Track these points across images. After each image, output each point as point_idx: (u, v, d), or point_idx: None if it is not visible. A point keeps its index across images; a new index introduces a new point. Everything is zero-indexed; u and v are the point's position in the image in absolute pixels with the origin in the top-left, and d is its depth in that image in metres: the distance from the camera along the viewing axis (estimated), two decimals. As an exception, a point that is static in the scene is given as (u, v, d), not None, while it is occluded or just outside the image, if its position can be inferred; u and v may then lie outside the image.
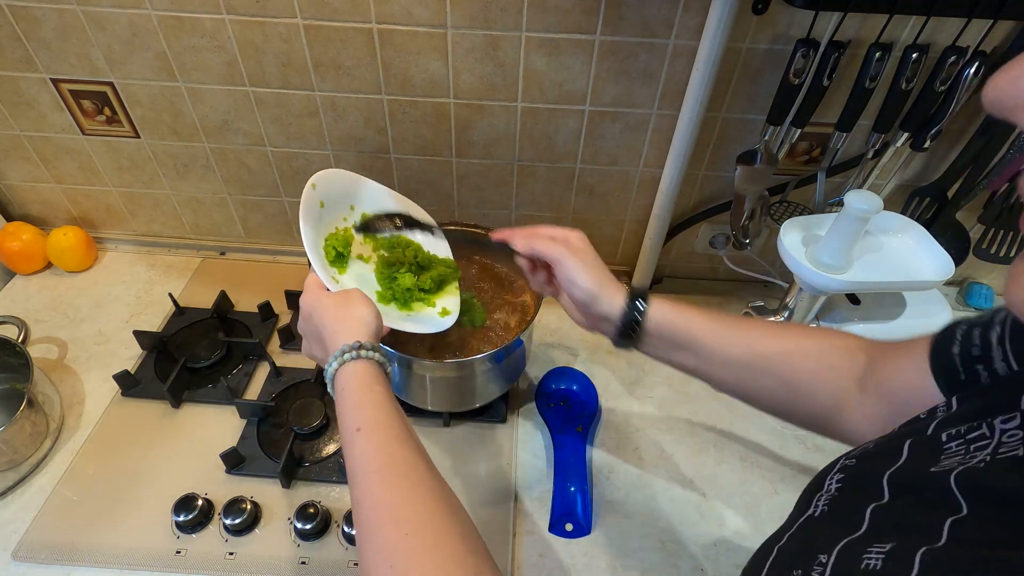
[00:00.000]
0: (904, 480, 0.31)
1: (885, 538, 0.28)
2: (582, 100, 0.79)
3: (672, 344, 0.56)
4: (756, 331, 0.55)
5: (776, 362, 0.53)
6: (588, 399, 0.83)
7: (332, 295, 0.56)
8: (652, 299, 0.56)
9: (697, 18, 0.70)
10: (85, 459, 0.74)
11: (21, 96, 0.84)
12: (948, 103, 0.70)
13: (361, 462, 0.44)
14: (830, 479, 0.36)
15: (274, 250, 1.03)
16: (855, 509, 0.32)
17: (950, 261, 0.69)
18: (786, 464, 0.78)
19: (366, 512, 0.42)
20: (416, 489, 0.43)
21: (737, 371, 0.54)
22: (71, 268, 0.98)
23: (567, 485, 0.73)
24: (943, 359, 0.41)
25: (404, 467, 0.44)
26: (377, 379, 0.49)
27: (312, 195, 0.63)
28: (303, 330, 0.57)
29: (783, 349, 0.53)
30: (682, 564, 0.68)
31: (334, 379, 0.50)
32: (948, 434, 0.32)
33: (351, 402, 0.47)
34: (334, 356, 0.50)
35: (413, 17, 0.72)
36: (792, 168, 0.86)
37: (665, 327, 0.55)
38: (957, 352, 0.39)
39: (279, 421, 0.79)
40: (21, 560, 0.65)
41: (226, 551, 0.67)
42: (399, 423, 0.47)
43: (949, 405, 0.35)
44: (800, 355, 0.52)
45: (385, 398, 0.48)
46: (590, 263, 0.57)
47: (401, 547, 0.39)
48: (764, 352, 0.53)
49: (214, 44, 0.76)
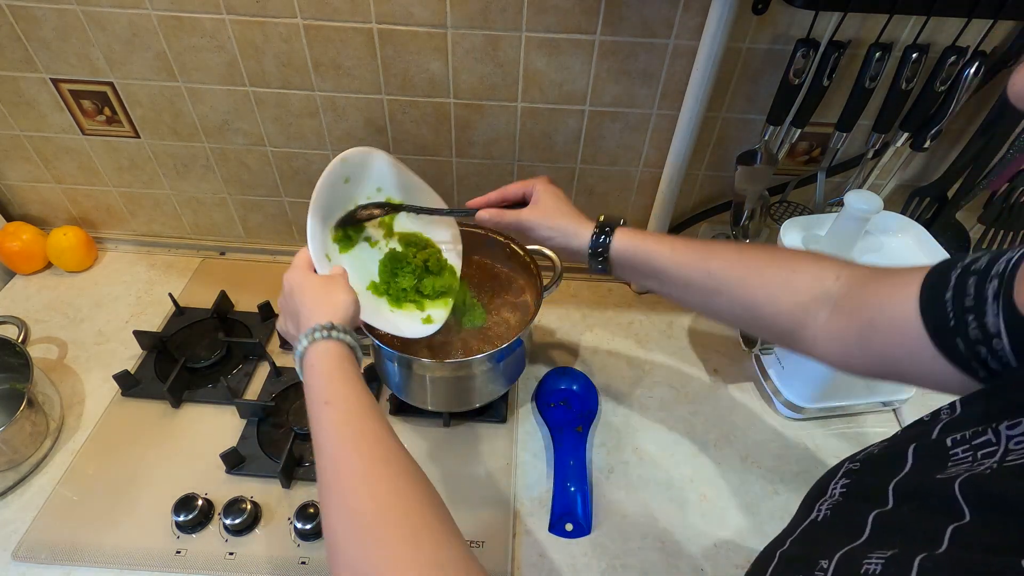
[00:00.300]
0: (910, 488, 0.31)
1: (886, 545, 0.28)
2: (582, 100, 0.79)
3: (637, 272, 0.61)
4: (717, 259, 0.56)
5: (735, 287, 0.54)
6: (588, 399, 0.83)
7: (317, 277, 0.56)
8: (617, 232, 0.60)
9: (697, 18, 0.70)
10: (85, 459, 0.74)
11: (21, 96, 0.84)
12: (948, 103, 0.70)
13: (330, 433, 0.44)
14: (834, 484, 0.36)
15: (274, 250, 1.03)
16: (858, 516, 0.31)
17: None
18: (786, 464, 0.78)
19: (333, 477, 0.42)
20: (386, 459, 0.43)
21: (698, 294, 0.57)
22: (71, 268, 0.98)
23: (567, 485, 0.73)
24: (934, 302, 0.39)
25: (373, 438, 0.44)
26: (347, 359, 0.49)
27: (339, 169, 0.63)
28: (282, 306, 0.58)
29: (742, 276, 0.54)
30: (682, 564, 0.68)
31: (303, 356, 0.50)
32: (953, 439, 0.31)
33: (320, 378, 0.48)
34: (305, 334, 0.50)
35: (413, 17, 0.72)
36: (792, 168, 0.86)
37: (628, 257, 0.60)
38: (950, 298, 0.38)
39: (279, 421, 0.79)
40: (21, 560, 0.65)
41: (226, 551, 0.67)
42: (368, 400, 0.47)
43: (953, 408, 0.34)
44: (759, 282, 0.53)
45: (355, 376, 0.48)
46: (552, 210, 0.63)
47: (369, 510, 0.39)
48: (722, 278, 0.55)
49: (214, 44, 0.76)
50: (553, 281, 0.76)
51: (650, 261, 0.59)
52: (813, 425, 0.82)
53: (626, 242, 0.60)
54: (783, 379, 0.83)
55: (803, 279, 0.51)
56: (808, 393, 0.80)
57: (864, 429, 0.82)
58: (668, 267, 0.58)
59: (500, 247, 0.80)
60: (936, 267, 0.41)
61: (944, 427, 0.33)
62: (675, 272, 0.57)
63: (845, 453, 0.80)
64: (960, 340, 0.37)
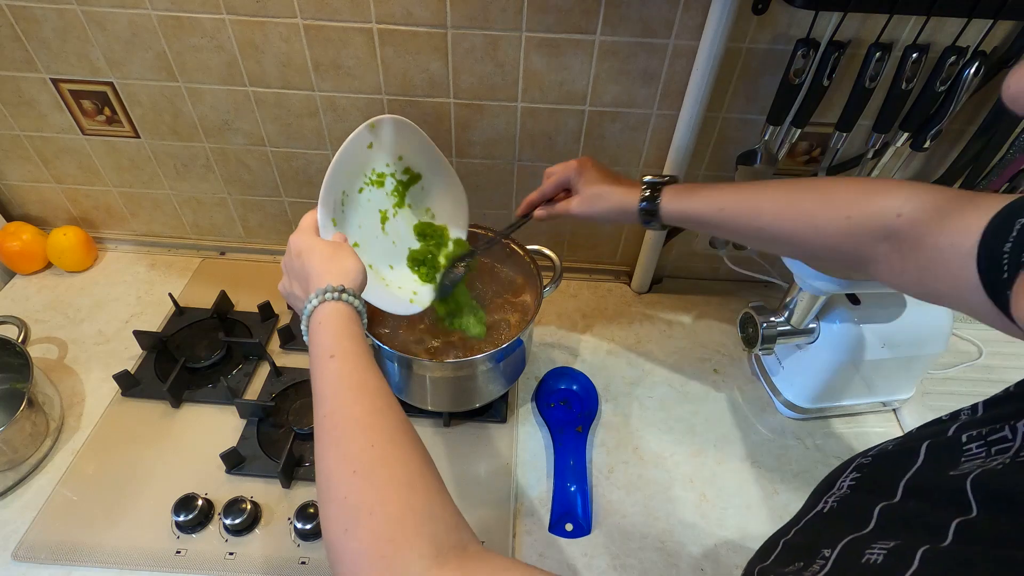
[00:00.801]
0: (920, 482, 0.31)
1: (890, 536, 0.28)
2: (582, 100, 0.79)
3: (693, 226, 0.63)
4: (765, 214, 0.55)
5: (788, 239, 0.54)
6: (588, 399, 0.83)
7: (325, 242, 0.56)
8: (664, 194, 0.62)
9: (697, 18, 0.70)
10: (85, 459, 0.74)
11: (21, 96, 0.84)
12: (948, 103, 0.70)
13: (332, 383, 0.45)
14: (843, 479, 0.36)
15: (274, 250, 1.03)
16: (864, 508, 0.31)
17: (950, 261, 0.69)
18: (786, 464, 0.78)
19: (332, 423, 0.42)
20: (384, 411, 0.44)
21: (754, 243, 0.60)
22: (71, 268, 0.98)
23: (567, 485, 0.73)
24: (992, 251, 0.37)
25: (374, 390, 0.45)
26: (354, 320, 0.50)
27: (365, 135, 0.63)
28: (288, 267, 0.57)
29: (793, 229, 0.53)
30: (682, 564, 0.68)
31: (311, 315, 0.50)
32: (969, 435, 0.31)
33: (328, 333, 0.48)
34: (316, 293, 0.50)
35: (413, 17, 0.72)
36: (792, 168, 0.86)
37: (680, 220, 0.62)
38: (1008, 250, 0.36)
39: (279, 421, 0.79)
40: (21, 560, 0.65)
41: (226, 551, 0.67)
42: (371, 358, 0.48)
43: (974, 410, 0.34)
44: (812, 232, 0.52)
45: (359, 335, 0.49)
46: (594, 195, 0.65)
47: (366, 456, 0.40)
48: (774, 232, 0.55)
49: (214, 44, 0.76)
50: (553, 281, 0.76)
51: (701, 222, 0.61)
52: (813, 425, 0.82)
53: (674, 207, 0.61)
54: (783, 379, 0.83)
55: (859, 222, 0.48)
56: (808, 393, 0.80)
57: (864, 429, 0.82)
58: (721, 226, 0.59)
59: (500, 247, 0.81)
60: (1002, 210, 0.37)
61: (961, 426, 0.33)
62: (728, 229, 0.59)
63: (845, 453, 0.81)
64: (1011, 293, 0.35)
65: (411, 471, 0.39)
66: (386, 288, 0.68)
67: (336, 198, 0.62)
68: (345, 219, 0.64)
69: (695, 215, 0.60)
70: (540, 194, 0.69)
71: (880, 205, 0.47)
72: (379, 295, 0.66)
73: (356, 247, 0.66)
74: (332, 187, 0.60)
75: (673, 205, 0.61)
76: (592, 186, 0.65)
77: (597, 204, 0.65)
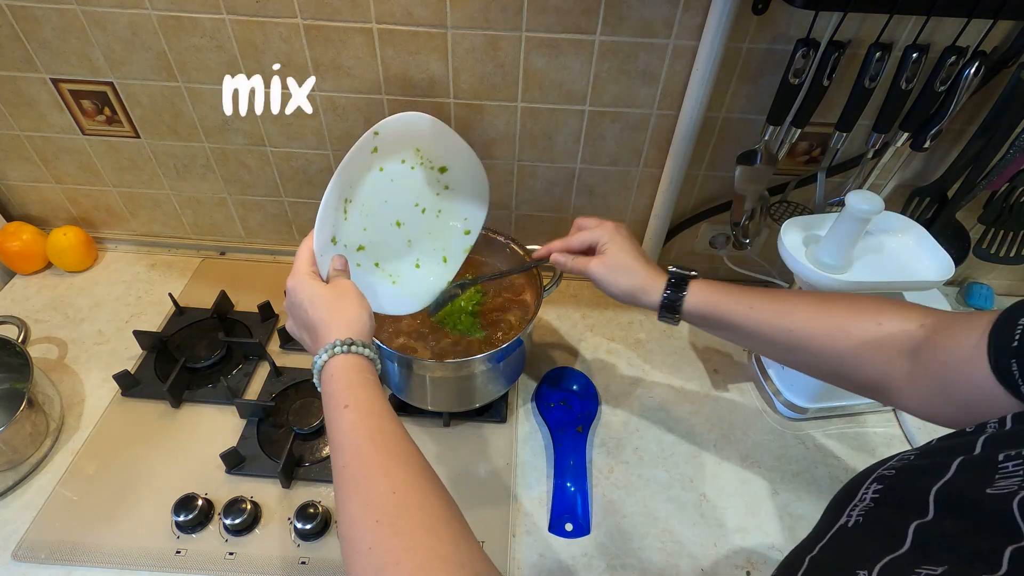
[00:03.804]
0: (954, 499, 0.30)
1: (934, 559, 0.27)
2: (582, 100, 0.79)
3: (713, 326, 0.61)
4: (798, 315, 0.54)
5: (817, 344, 0.53)
6: (588, 399, 0.83)
7: (326, 290, 0.55)
8: (691, 287, 0.60)
9: (697, 18, 0.70)
10: (85, 459, 0.74)
11: (21, 96, 0.84)
12: (948, 103, 0.70)
13: (348, 433, 0.45)
14: (865, 489, 0.35)
15: (274, 250, 1.03)
16: (896, 525, 0.30)
17: (950, 261, 0.69)
18: (786, 464, 0.78)
19: (353, 472, 0.42)
20: (404, 457, 0.43)
21: (779, 350, 0.57)
22: (71, 268, 0.98)
23: (567, 485, 0.73)
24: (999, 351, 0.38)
25: (393, 437, 0.45)
26: (367, 368, 0.50)
27: (369, 141, 0.61)
28: (290, 312, 0.57)
29: (825, 332, 0.53)
30: (682, 564, 0.68)
31: (322, 369, 0.50)
32: (1006, 454, 0.30)
33: (340, 384, 0.48)
34: (325, 348, 0.50)
35: (413, 17, 0.72)
36: (792, 168, 0.86)
37: (703, 315, 0.59)
38: (1015, 347, 0.37)
39: (279, 421, 0.79)
40: (21, 560, 0.65)
41: (226, 551, 0.67)
42: (386, 405, 0.47)
43: (1002, 423, 0.33)
44: (843, 336, 0.52)
45: (374, 384, 0.49)
46: (619, 266, 0.62)
47: (388, 503, 0.39)
48: (804, 336, 0.54)
49: (214, 44, 0.76)
50: (553, 281, 0.76)
51: (726, 319, 0.58)
52: (813, 425, 0.82)
53: (700, 300, 0.59)
54: (783, 379, 0.83)
55: (888, 331, 0.49)
56: (808, 393, 0.80)
57: (864, 429, 0.82)
58: (746, 325, 0.57)
59: (500, 247, 0.81)
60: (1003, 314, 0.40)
61: (988, 440, 0.32)
62: (753, 329, 0.57)
63: (845, 453, 0.81)
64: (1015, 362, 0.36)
65: (435, 517, 0.39)
66: (392, 285, 0.68)
67: (338, 208, 0.61)
68: (349, 224, 0.63)
69: (722, 312, 0.58)
70: (565, 245, 0.66)
71: (906, 315, 0.49)
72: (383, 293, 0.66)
73: (361, 250, 0.66)
74: (333, 195, 0.59)
75: (699, 299, 0.59)
76: (620, 255, 0.62)
77: (618, 277, 0.62)
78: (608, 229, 0.64)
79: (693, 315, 0.60)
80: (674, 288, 0.60)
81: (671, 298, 0.60)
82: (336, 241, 0.62)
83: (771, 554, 0.69)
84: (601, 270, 0.63)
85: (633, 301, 0.63)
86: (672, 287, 0.60)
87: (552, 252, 0.66)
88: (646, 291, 0.61)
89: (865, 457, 0.79)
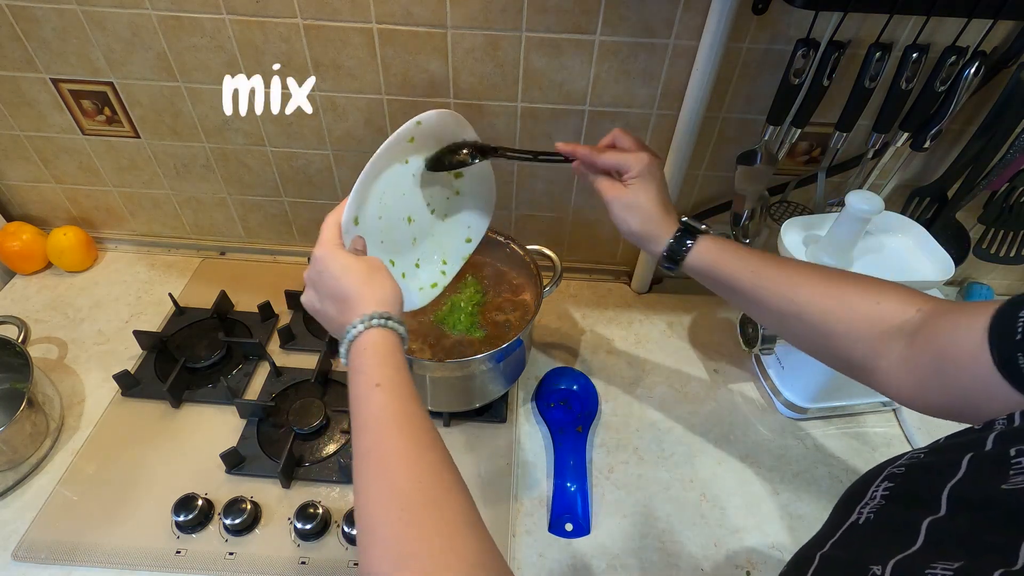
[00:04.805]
0: (968, 495, 0.30)
1: (949, 556, 0.27)
2: (582, 100, 0.79)
3: (712, 283, 0.59)
4: (803, 286, 0.54)
5: (813, 313, 0.52)
6: (588, 399, 0.83)
7: (358, 261, 0.53)
8: (700, 241, 0.58)
9: (697, 18, 0.70)
10: (85, 459, 0.74)
11: (21, 96, 0.84)
12: (948, 103, 0.70)
13: (376, 413, 0.44)
14: (875, 487, 0.35)
15: (274, 250, 1.03)
16: (908, 522, 0.30)
17: (950, 261, 0.69)
18: (786, 464, 0.78)
19: (378, 457, 0.41)
20: (430, 445, 0.43)
21: (773, 316, 0.56)
22: (71, 268, 0.98)
23: (567, 485, 0.73)
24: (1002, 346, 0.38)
25: (419, 423, 0.44)
26: (398, 348, 0.49)
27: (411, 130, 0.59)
28: (314, 282, 0.54)
29: (823, 303, 0.52)
30: (682, 564, 0.68)
31: (355, 339, 0.48)
32: (1018, 450, 0.30)
33: (373, 361, 0.47)
34: (361, 319, 0.48)
35: (413, 17, 0.72)
36: (792, 168, 0.86)
37: (705, 270, 0.58)
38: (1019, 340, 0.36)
39: (279, 421, 0.79)
40: (21, 560, 0.65)
41: (226, 551, 0.67)
42: (414, 388, 0.47)
43: (1011, 419, 0.33)
44: (840, 309, 0.51)
45: (404, 365, 0.48)
46: (636, 205, 0.59)
47: (413, 495, 0.39)
48: (805, 305, 0.53)
49: (214, 44, 0.76)
50: (553, 281, 0.76)
51: (727, 278, 0.57)
52: (813, 425, 0.82)
53: (704, 257, 0.58)
54: (783, 379, 0.83)
55: (887, 309, 0.49)
56: (808, 393, 0.80)
57: (864, 429, 0.82)
58: (748, 288, 0.56)
59: (500, 247, 0.81)
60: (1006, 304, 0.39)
61: (999, 436, 0.32)
62: (754, 293, 0.56)
63: (845, 453, 0.81)
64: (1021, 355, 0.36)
65: (457, 514, 0.39)
66: (402, 279, 0.68)
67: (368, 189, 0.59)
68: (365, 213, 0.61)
69: (725, 271, 0.57)
70: (591, 156, 0.61)
71: (906, 298, 0.49)
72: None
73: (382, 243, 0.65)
74: (365, 185, 0.57)
75: (704, 255, 0.58)
76: (642, 195, 0.59)
77: (632, 216, 0.59)
78: (642, 161, 0.59)
79: (694, 269, 0.59)
80: (680, 239, 0.58)
81: (674, 248, 0.58)
82: (358, 222, 0.60)
83: (771, 554, 0.69)
84: (617, 204, 0.60)
85: (638, 243, 0.61)
86: (678, 238, 0.58)
87: (576, 155, 0.62)
88: (653, 239, 0.59)
89: (865, 457, 0.79)
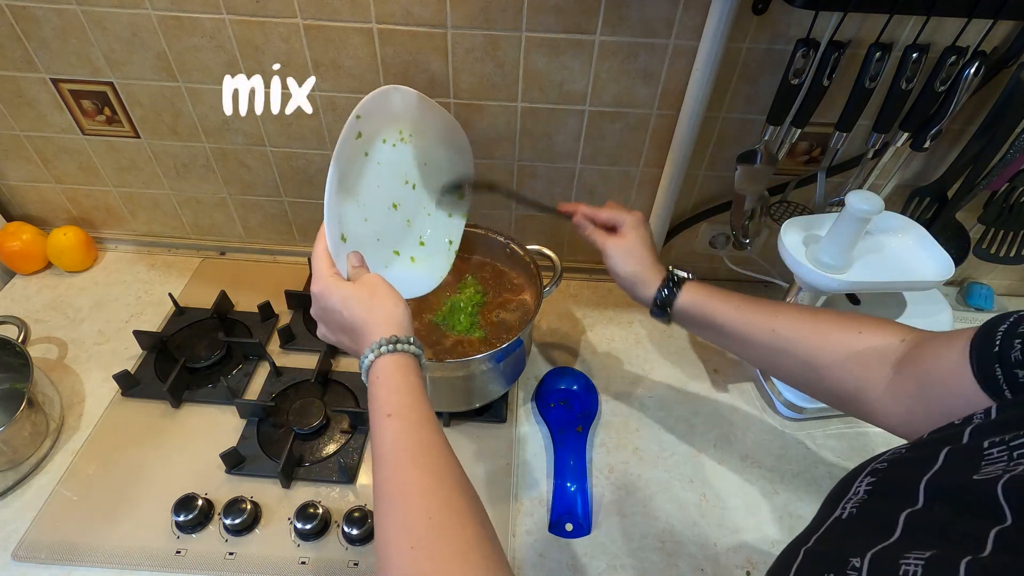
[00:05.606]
0: (943, 486, 0.31)
1: (923, 545, 0.27)
2: (582, 100, 0.79)
3: (699, 327, 0.64)
4: (782, 318, 0.57)
5: (800, 347, 0.55)
6: (588, 399, 0.83)
7: (357, 287, 0.54)
8: (685, 287, 0.63)
9: (697, 18, 0.70)
10: (85, 459, 0.74)
11: (21, 96, 0.84)
12: (948, 103, 0.70)
13: (390, 445, 0.45)
14: (859, 483, 0.36)
15: (274, 250, 1.03)
16: (886, 514, 0.31)
17: (950, 261, 0.69)
18: (786, 464, 0.78)
19: (392, 490, 0.43)
20: (442, 474, 0.44)
21: (761, 352, 0.59)
22: (71, 268, 0.98)
23: (567, 485, 0.73)
24: (981, 357, 0.40)
25: (433, 451, 0.45)
26: (412, 369, 0.50)
27: (354, 127, 0.58)
28: (322, 318, 0.56)
29: (807, 336, 0.55)
30: (682, 564, 0.68)
31: (369, 369, 0.50)
32: (991, 441, 0.31)
33: (386, 389, 0.48)
34: (371, 348, 0.49)
35: (413, 17, 0.72)
36: (792, 168, 0.86)
37: (693, 314, 0.62)
38: (996, 352, 0.39)
39: (279, 421, 0.79)
40: (21, 560, 0.65)
41: (226, 551, 0.67)
42: (429, 410, 0.48)
43: (988, 413, 0.34)
44: (824, 343, 0.54)
45: (418, 387, 0.49)
46: (632, 251, 0.65)
47: (424, 528, 0.40)
48: (788, 338, 0.56)
49: (214, 44, 0.76)
50: (553, 281, 0.76)
51: (715, 319, 0.61)
52: (813, 425, 0.82)
53: (692, 299, 0.62)
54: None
55: (869, 339, 0.51)
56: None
57: (864, 429, 0.82)
58: (732, 325, 0.60)
59: (500, 247, 0.81)
60: (984, 325, 0.42)
61: (976, 430, 0.33)
62: (739, 330, 0.59)
63: (845, 453, 0.81)
64: (999, 367, 0.38)
65: (468, 540, 0.40)
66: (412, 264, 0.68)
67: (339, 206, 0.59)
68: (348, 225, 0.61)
69: (710, 311, 0.61)
70: (592, 213, 0.68)
71: (888, 330, 0.52)
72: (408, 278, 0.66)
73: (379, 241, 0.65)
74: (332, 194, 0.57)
75: (690, 299, 0.62)
76: (637, 243, 0.65)
77: (627, 260, 0.65)
78: (636, 217, 0.67)
79: (683, 315, 0.63)
80: (669, 287, 0.63)
81: (665, 296, 0.63)
82: (346, 238, 0.60)
83: (771, 554, 0.69)
84: (614, 248, 0.66)
85: (631, 288, 0.66)
86: (667, 286, 0.63)
87: (578, 212, 0.69)
88: (645, 283, 0.64)
89: (864, 457, 0.78)
